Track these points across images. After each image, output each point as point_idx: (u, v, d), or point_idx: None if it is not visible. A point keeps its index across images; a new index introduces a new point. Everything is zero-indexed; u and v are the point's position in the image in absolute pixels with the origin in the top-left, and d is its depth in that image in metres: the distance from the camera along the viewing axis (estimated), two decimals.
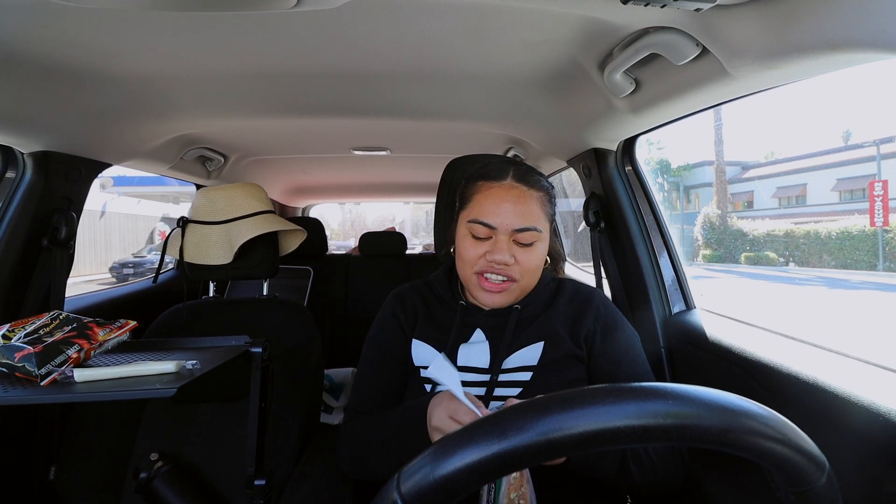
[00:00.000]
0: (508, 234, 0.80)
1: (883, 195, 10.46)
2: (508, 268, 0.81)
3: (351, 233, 26.05)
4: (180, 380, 0.75)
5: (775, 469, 0.35)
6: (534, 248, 0.82)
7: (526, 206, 0.81)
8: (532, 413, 0.33)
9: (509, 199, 0.81)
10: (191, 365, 0.82)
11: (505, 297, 0.83)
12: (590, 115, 1.17)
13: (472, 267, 0.83)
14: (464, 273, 0.85)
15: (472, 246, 0.82)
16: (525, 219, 0.80)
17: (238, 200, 1.25)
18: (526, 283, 0.84)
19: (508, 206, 0.80)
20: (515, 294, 0.84)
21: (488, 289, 0.82)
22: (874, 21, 0.51)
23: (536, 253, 0.82)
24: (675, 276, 1.27)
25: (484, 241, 0.82)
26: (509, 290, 0.83)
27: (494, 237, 0.81)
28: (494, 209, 0.81)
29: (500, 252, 0.79)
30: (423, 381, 0.84)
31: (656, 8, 0.62)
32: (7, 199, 1.11)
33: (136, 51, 0.91)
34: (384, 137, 1.79)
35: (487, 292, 0.83)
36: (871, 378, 0.69)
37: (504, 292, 0.82)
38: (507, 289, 0.82)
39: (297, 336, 1.23)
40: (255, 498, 0.93)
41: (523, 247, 0.81)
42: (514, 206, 0.80)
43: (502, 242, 0.80)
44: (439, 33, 0.87)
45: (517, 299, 0.86)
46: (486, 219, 0.80)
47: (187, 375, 0.78)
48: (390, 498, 0.33)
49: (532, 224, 0.81)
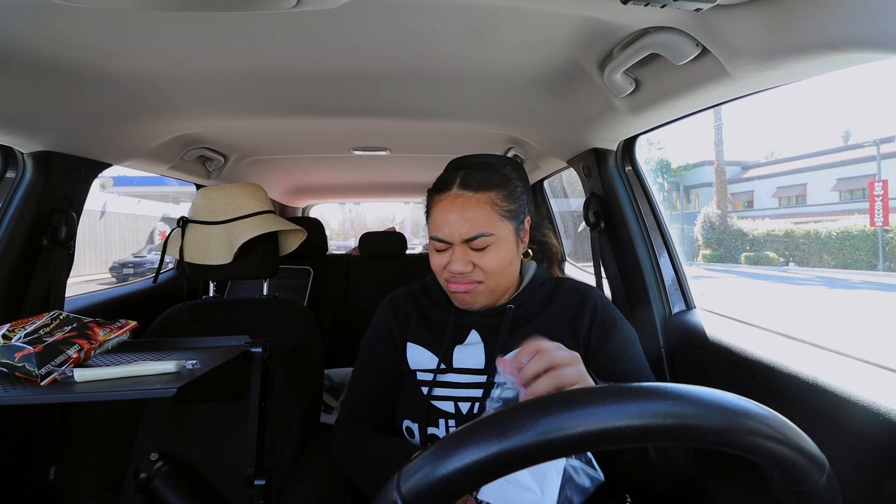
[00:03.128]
0: (460, 243, 0.83)
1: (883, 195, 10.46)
2: (469, 274, 0.83)
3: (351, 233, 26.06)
4: (180, 380, 0.75)
5: (775, 469, 0.35)
6: (490, 251, 0.83)
7: (472, 212, 0.82)
8: (532, 413, 0.33)
9: (454, 209, 0.82)
10: (191, 365, 0.82)
11: (475, 298, 0.85)
12: (590, 115, 1.17)
13: (441, 276, 0.87)
14: (440, 281, 0.89)
15: (438, 257, 0.86)
16: (472, 226, 0.81)
17: (238, 200, 1.25)
18: (493, 283, 0.85)
19: (454, 217, 0.82)
20: (486, 295, 0.85)
21: (455, 290, 0.85)
22: (874, 21, 0.51)
23: (494, 255, 0.83)
24: (675, 275, 1.27)
25: (444, 252, 0.85)
26: (476, 291, 0.84)
27: (450, 248, 0.84)
28: (443, 223, 0.83)
29: (454, 263, 0.83)
30: (420, 383, 0.85)
31: (656, 8, 0.62)
32: (7, 199, 1.11)
33: (136, 51, 0.91)
34: (384, 137, 1.79)
35: (457, 295, 0.86)
36: (871, 378, 0.69)
37: (471, 293, 0.84)
38: (473, 290, 0.84)
39: (297, 336, 1.23)
40: (255, 498, 0.93)
41: (478, 252, 0.83)
42: (460, 216, 0.82)
43: (457, 253, 0.83)
44: (439, 33, 0.87)
45: (492, 300, 0.87)
46: (438, 233, 0.84)
47: (187, 375, 0.78)
48: (390, 498, 0.33)
49: (479, 230, 0.81)
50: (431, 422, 0.81)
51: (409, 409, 0.85)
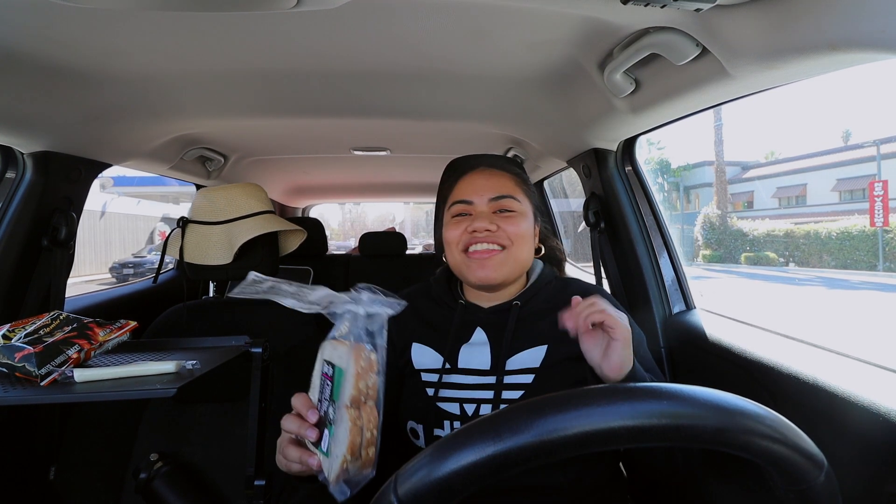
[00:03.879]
0: (486, 203, 0.84)
1: (883, 195, 10.47)
2: (493, 234, 0.81)
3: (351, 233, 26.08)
4: (180, 380, 0.75)
5: (773, 467, 0.35)
6: (515, 217, 0.83)
7: (499, 180, 0.86)
8: (527, 414, 0.33)
9: (482, 178, 0.86)
10: (191, 365, 0.82)
11: (497, 268, 0.81)
12: (590, 115, 1.17)
13: (458, 245, 0.83)
14: (453, 258, 0.85)
15: (455, 226, 0.84)
16: (500, 189, 0.84)
17: (238, 200, 1.25)
18: (517, 252, 0.82)
19: (482, 182, 0.85)
20: (508, 266, 0.82)
21: (477, 257, 0.81)
22: (874, 21, 0.51)
23: (520, 222, 0.83)
24: (675, 276, 1.27)
25: (465, 218, 0.84)
26: (499, 259, 0.81)
27: (473, 212, 0.84)
28: (470, 188, 0.85)
29: (479, 220, 0.81)
30: (425, 384, 0.83)
31: (656, 8, 0.62)
32: (7, 199, 1.11)
33: (136, 51, 0.91)
34: (384, 137, 1.79)
35: (478, 262, 0.81)
36: (871, 378, 0.69)
37: (494, 261, 0.81)
38: (496, 257, 0.81)
39: (297, 336, 1.23)
40: (255, 498, 0.93)
41: (504, 216, 0.83)
42: (487, 181, 0.85)
43: (482, 213, 0.83)
44: (439, 33, 0.87)
45: (512, 275, 0.84)
46: (463, 196, 0.85)
47: (187, 375, 0.78)
48: (387, 500, 0.33)
49: (508, 192, 0.84)
50: (437, 423, 0.79)
51: (413, 411, 0.82)
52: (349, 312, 0.56)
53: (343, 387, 0.53)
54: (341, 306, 0.56)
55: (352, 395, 0.52)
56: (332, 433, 0.52)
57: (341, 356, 0.54)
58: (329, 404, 0.54)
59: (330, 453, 0.52)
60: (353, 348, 0.54)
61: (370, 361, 0.54)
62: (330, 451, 0.52)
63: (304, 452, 0.56)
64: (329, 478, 0.51)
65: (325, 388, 0.56)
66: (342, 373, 0.53)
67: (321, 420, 0.55)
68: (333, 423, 0.52)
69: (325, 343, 0.59)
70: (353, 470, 0.50)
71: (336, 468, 0.50)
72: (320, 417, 0.55)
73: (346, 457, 0.49)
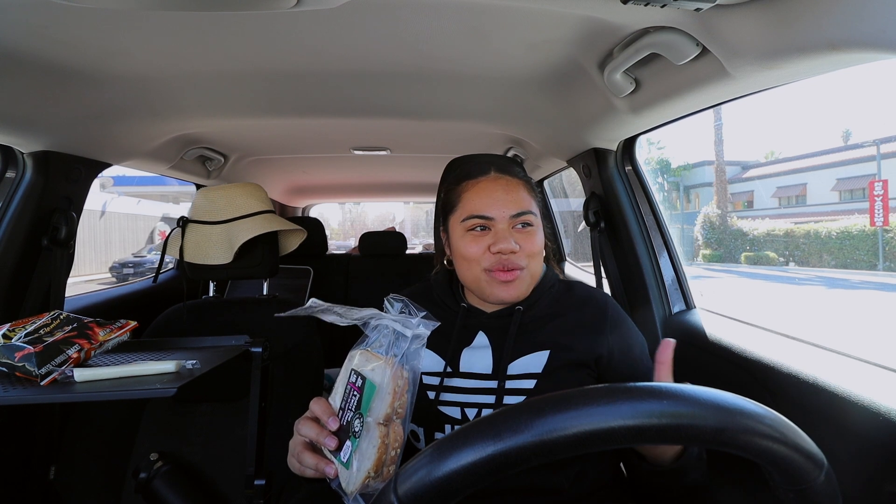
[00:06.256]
0: (507, 221, 0.80)
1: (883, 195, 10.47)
2: (516, 257, 0.79)
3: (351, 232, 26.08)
4: (180, 380, 0.75)
5: (773, 467, 0.35)
6: (534, 232, 0.81)
7: (516, 192, 0.81)
8: (527, 414, 0.33)
9: (498, 188, 0.81)
10: (191, 365, 0.82)
11: (520, 288, 0.81)
12: (590, 114, 1.17)
13: (480, 264, 0.80)
14: (471, 273, 0.82)
15: (474, 242, 0.80)
16: (519, 204, 0.80)
17: (238, 200, 1.25)
18: (533, 269, 0.82)
19: (500, 194, 0.80)
20: (527, 282, 0.82)
21: (503, 279, 0.79)
22: (874, 21, 0.51)
23: (537, 237, 0.82)
24: (675, 275, 1.27)
25: (485, 235, 0.80)
26: (521, 279, 0.80)
27: (493, 228, 0.80)
28: (487, 200, 0.80)
29: (504, 241, 0.77)
30: (426, 388, 0.82)
31: (656, 8, 0.62)
32: (7, 199, 1.11)
33: (136, 51, 0.91)
34: (384, 137, 1.79)
35: (502, 285, 0.79)
36: (871, 378, 0.69)
37: (517, 282, 0.80)
38: (518, 277, 0.80)
39: (297, 336, 1.23)
40: (255, 498, 0.93)
41: (523, 232, 0.80)
42: (506, 195, 0.80)
43: (503, 231, 0.79)
44: (439, 33, 0.87)
45: (530, 288, 0.83)
46: (482, 211, 0.80)
47: (187, 375, 0.78)
48: (387, 500, 0.33)
49: (527, 208, 0.81)
50: (437, 427, 0.79)
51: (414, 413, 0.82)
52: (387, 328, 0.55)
53: (374, 402, 0.52)
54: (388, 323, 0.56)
55: (385, 414, 0.52)
56: (356, 446, 0.51)
57: (375, 371, 0.54)
58: (354, 415, 0.53)
59: (350, 465, 0.51)
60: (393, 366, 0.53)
61: (406, 381, 0.54)
62: (351, 463, 0.51)
63: (320, 460, 0.56)
64: (347, 490, 0.50)
65: (352, 399, 0.54)
66: (374, 388, 0.52)
67: (341, 428, 0.54)
68: (358, 435, 0.51)
69: (354, 352, 0.58)
70: (373, 486, 0.50)
71: (357, 482, 0.49)
72: (341, 426, 0.54)
73: (369, 473, 0.49)
